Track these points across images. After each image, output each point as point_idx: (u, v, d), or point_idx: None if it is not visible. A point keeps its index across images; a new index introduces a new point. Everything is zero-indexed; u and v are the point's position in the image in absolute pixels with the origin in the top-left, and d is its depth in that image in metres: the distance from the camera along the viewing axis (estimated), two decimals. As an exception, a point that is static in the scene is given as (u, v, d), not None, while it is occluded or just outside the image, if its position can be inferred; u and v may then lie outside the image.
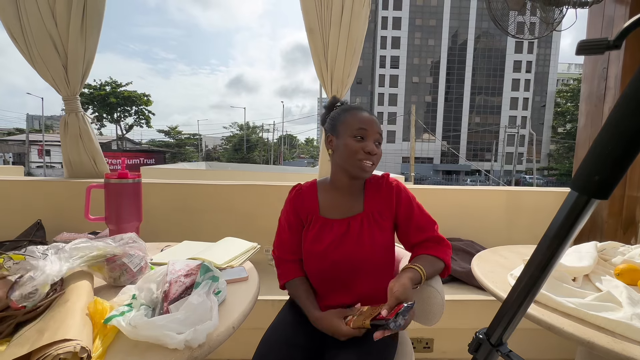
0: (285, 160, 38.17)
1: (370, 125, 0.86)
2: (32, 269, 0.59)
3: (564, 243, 0.36)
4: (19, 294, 0.55)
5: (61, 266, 0.62)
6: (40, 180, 1.92)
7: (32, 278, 0.57)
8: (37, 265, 0.60)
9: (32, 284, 0.57)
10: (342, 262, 0.87)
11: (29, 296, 0.57)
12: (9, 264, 0.59)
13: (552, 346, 1.55)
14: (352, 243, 0.87)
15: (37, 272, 0.59)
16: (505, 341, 0.46)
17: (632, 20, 0.29)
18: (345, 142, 0.86)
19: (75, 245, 0.69)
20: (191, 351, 0.58)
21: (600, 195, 0.32)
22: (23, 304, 0.56)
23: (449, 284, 1.65)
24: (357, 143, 0.85)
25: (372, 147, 0.85)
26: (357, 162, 0.85)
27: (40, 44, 1.79)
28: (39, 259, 0.62)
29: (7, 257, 0.60)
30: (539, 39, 2.04)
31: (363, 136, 0.86)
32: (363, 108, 0.92)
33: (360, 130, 0.85)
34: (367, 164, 0.85)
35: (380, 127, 0.90)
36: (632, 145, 0.29)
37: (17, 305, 0.56)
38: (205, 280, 0.69)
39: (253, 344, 0.85)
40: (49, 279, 0.59)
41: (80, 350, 0.47)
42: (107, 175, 1.16)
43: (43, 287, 0.58)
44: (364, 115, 0.88)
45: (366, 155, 0.85)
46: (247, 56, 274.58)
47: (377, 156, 0.87)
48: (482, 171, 28.22)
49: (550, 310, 0.74)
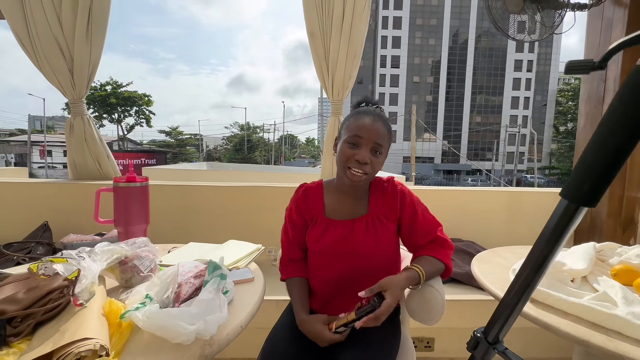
0: (286, 160, 38.21)
1: (366, 132, 0.81)
2: (82, 269, 0.66)
3: (556, 247, 0.39)
4: (79, 291, 0.63)
5: (97, 267, 0.69)
6: (46, 183, 1.95)
7: (85, 277, 0.64)
8: (85, 265, 0.66)
9: (85, 283, 0.63)
10: (346, 261, 0.88)
11: (81, 294, 0.64)
12: (42, 270, 0.63)
13: (550, 345, 1.57)
14: (355, 244, 0.87)
15: (86, 272, 0.65)
16: (501, 339, 0.49)
17: (616, 44, 0.31)
18: (341, 146, 0.85)
19: (102, 248, 0.75)
20: (202, 350, 0.60)
21: (588, 204, 0.35)
22: (81, 302, 0.63)
23: (449, 285, 1.67)
24: (350, 149, 0.82)
25: (364, 156, 0.81)
26: (346, 170, 0.83)
27: (47, 49, 1.82)
28: (79, 260, 0.66)
29: (46, 262, 0.65)
30: (539, 40, 2.06)
31: (357, 143, 0.82)
32: (374, 113, 0.85)
33: (355, 137, 0.82)
34: (355, 173, 0.82)
35: (384, 136, 0.83)
36: (614, 159, 0.31)
37: (78, 302, 0.62)
38: (213, 277, 0.72)
39: (258, 343, 0.88)
40: (95, 279, 0.66)
41: (99, 349, 0.50)
42: (115, 178, 1.19)
43: (92, 287, 0.65)
44: (364, 121, 0.83)
45: (356, 163, 0.81)
46: (249, 55, 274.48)
47: (369, 166, 0.82)
48: (483, 171, 28.23)
49: (549, 309, 0.76)
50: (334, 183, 0.96)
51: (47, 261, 0.64)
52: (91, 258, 0.70)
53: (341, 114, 2.02)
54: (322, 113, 29.48)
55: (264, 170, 9.92)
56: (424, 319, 0.89)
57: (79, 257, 0.69)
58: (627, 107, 0.30)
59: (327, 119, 2.11)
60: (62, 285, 0.64)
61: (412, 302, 0.86)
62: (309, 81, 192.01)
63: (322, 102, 32.39)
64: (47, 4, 1.77)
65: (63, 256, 0.68)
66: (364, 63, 44.33)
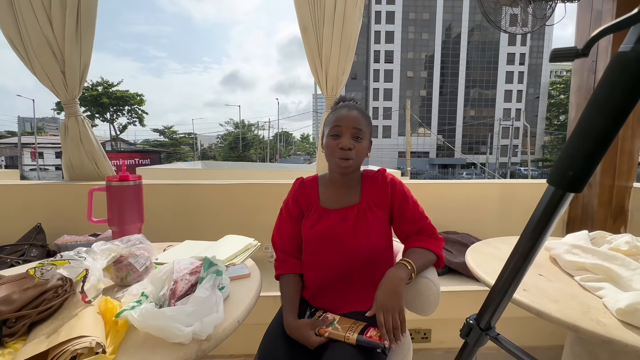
0: (281, 158, 38.13)
1: (344, 121, 0.88)
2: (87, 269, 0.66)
3: (544, 234, 0.40)
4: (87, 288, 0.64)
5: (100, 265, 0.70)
6: (38, 184, 1.93)
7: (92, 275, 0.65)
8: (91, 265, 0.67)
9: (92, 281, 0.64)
10: (338, 247, 0.91)
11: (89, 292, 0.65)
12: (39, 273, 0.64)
13: (542, 333, 1.60)
14: (348, 229, 0.91)
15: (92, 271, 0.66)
16: (493, 325, 0.50)
17: (598, 31, 0.32)
18: (326, 141, 0.91)
19: (100, 248, 0.76)
20: (199, 344, 0.61)
21: (574, 189, 0.36)
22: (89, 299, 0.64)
23: (446, 276, 1.69)
24: (333, 140, 0.88)
25: (346, 142, 0.87)
26: (335, 160, 0.89)
27: (39, 50, 1.80)
28: (81, 261, 0.66)
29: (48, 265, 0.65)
30: (530, 33, 2.07)
31: (338, 133, 0.88)
32: (349, 105, 0.93)
33: (335, 128, 0.88)
34: (342, 161, 0.88)
35: (361, 121, 0.89)
36: (599, 144, 0.32)
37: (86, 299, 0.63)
38: (209, 274, 0.72)
39: (256, 339, 0.88)
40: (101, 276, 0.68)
41: (95, 346, 0.50)
42: (108, 178, 1.18)
43: (99, 284, 0.66)
44: (341, 112, 0.90)
45: (341, 151, 0.87)
46: (243, 51, 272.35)
47: (353, 151, 0.88)
48: (477, 164, 28.49)
49: (542, 296, 0.78)
50: (327, 176, 1.01)
51: (48, 264, 0.65)
52: (92, 257, 0.71)
53: (335, 110, 2.02)
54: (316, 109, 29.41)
55: (259, 168, 9.89)
56: (419, 310, 0.90)
57: (79, 258, 0.69)
58: (610, 91, 0.30)
59: (321, 115, 2.10)
60: (56, 285, 0.64)
61: (407, 294, 0.87)
62: (304, 77, 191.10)
63: (316, 99, 32.31)
64: (37, 5, 1.75)
65: (64, 258, 0.68)
66: (358, 58, 44.21)
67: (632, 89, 0.30)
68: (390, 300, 0.76)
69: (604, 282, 0.81)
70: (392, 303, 0.76)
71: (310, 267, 0.97)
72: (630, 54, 0.30)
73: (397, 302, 0.76)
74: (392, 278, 0.80)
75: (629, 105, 0.30)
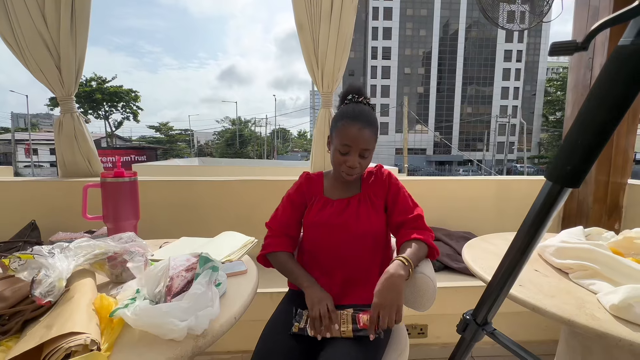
0: (278, 155, 38.01)
1: (354, 141, 0.91)
2: (42, 267, 0.61)
3: (541, 229, 0.40)
4: (39, 292, 0.58)
5: (69, 263, 0.64)
6: (33, 181, 1.91)
7: (47, 275, 0.60)
8: (47, 263, 0.62)
9: (48, 280, 0.59)
10: (339, 233, 0.96)
11: (48, 292, 0.60)
12: (15, 264, 0.61)
13: (537, 328, 1.62)
14: (350, 216, 0.98)
15: (49, 270, 0.61)
16: (490, 320, 0.50)
17: (598, 24, 0.31)
18: (333, 152, 0.96)
19: (79, 244, 0.71)
20: (195, 340, 0.60)
21: (572, 184, 0.35)
22: (48, 300, 0.59)
23: (443, 272, 1.70)
24: (341, 156, 0.94)
25: (354, 161, 0.92)
26: (340, 172, 0.96)
27: (33, 45, 1.77)
28: (47, 257, 0.63)
29: (14, 258, 0.62)
30: (528, 29, 2.07)
31: (347, 152, 0.93)
32: (360, 116, 0.92)
33: (344, 147, 0.92)
34: (347, 175, 0.95)
35: (370, 141, 0.93)
36: (598, 137, 0.32)
37: (43, 301, 0.59)
38: (205, 270, 0.71)
39: (254, 336, 0.88)
40: (63, 274, 0.62)
41: (90, 343, 0.50)
42: (103, 174, 1.17)
43: (59, 282, 0.61)
44: (351, 131, 0.90)
45: (347, 168, 0.94)
46: (240, 46, 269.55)
47: (359, 168, 0.94)
48: (474, 161, 28.62)
49: (537, 291, 0.78)
50: (332, 173, 1.08)
51: (16, 257, 0.62)
52: (63, 254, 0.68)
53: (332, 106, 2.01)
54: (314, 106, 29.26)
55: (256, 165, 9.86)
56: (416, 306, 0.91)
57: (49, 254, 0.66)
58: (610, 85, 0.30)
59: (318, 112, 2.09)
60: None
61: (404, 290, 0.87)
62: (302, 72, 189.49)
63: (313, 95, 32.20)
64: (30, 0, 1.71)
65: (32, 252, 0.65)
66: (355, 55, 44.07)
67: (632, 82, 0.30)
68: (390, 297, 0.77)
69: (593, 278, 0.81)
70: (392, 300, 0.77)
71: (309, 252, 1.02)
72: (630, 47, 0.30)
73: (397, 299, 0.78)
74: (392, 275, 0.80)
75: (628, 99, 0.30)
